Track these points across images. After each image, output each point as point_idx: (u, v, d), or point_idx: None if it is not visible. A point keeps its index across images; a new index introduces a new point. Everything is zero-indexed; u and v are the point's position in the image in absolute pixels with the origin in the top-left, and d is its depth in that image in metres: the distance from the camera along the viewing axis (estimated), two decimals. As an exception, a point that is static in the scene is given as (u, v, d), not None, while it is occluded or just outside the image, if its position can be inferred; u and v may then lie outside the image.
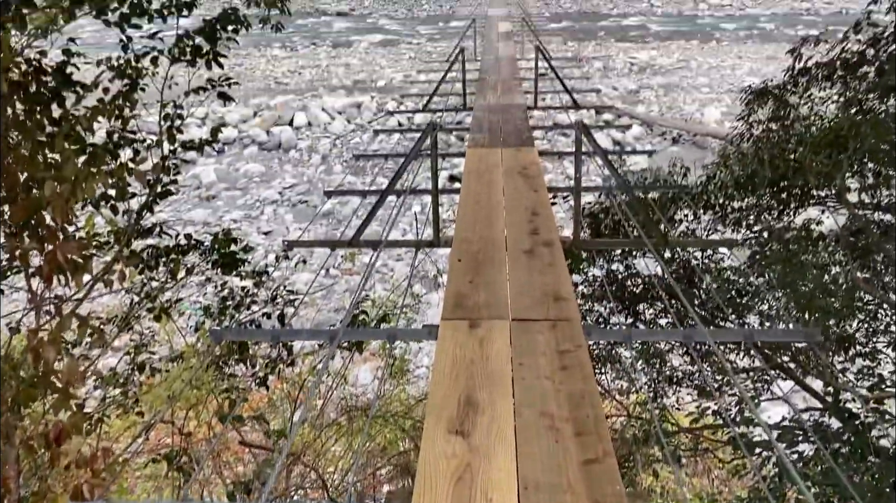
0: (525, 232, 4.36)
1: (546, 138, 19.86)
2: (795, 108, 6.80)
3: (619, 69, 37.47)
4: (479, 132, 7.45)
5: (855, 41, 6.58)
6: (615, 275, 8.01)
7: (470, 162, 6.22)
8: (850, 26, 6.64)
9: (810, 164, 5.93)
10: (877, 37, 6.30)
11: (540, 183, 5.40)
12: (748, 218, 7.28)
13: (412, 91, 29.03)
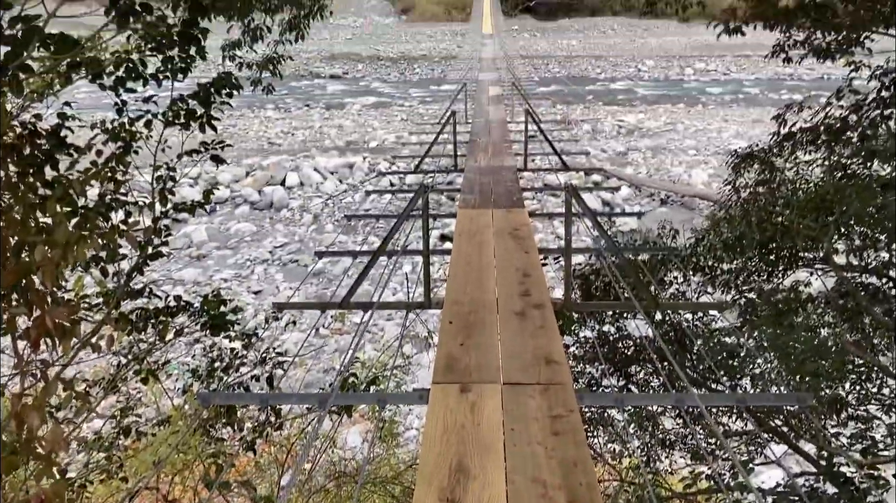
0: (516, 293, 4.36)
1: (536, 198, 20.06)
2: (781, 172, 6.93)
3: (608, 131, 38.10)
4: (470, 193, 7.51)
5: (837, 107, 6.76)
6: (607, 336, 8.01)
7: (461, 223, 6.26)
8: (833, 93, 6.83)
9: (797, 227, 6.01)
10: (859, 103, 6.48)
11: (531, 244, 5.43)
12: (737, 280, 7.34)
13: (404, 152, 29.38)
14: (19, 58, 2.78)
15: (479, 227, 5.92)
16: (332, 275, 21.44)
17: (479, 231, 5.83)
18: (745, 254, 6.84)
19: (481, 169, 9.01)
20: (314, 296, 20.19)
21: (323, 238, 24.98)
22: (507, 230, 5.79)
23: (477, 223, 6.13)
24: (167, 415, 6.47)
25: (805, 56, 7.40)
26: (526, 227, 5.91)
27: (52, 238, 2.59)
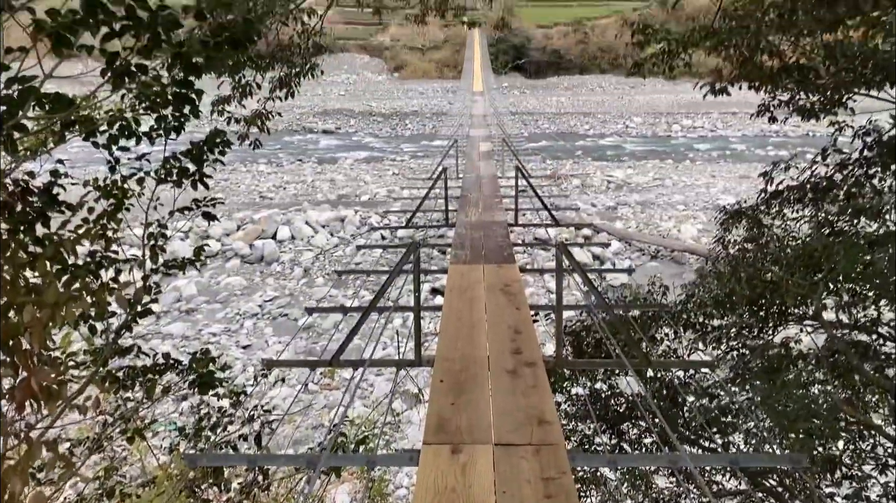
0: (507, 351, 4.34)
1: (527, 252, 20.11)
2: (769, 229, 7.00)
3: (597, 186, 38.46)
4: (462, 249, 7.54)
5: (823, 166, 6.87)
6: (599, 393, 7.96)
7: (452, 278, 6.27)
8: (819, 152, 6.95)
9: (787, 284, 6.04)
10: (843, 162, 6.59)
11: (522, 300, 5.43)
12: (728, 336, 7.34)
13: (395, 207, 29.55)
14: (15, 117, 2.80)
15: (471, 283, 5.93)
16: (321, 329, 21.29)
17: (471, 286, 5.83)
18: (735, 310, 6.86)
19: (472, 224, 9.07)
20: (304, 351, 20.02)
21: (313, 292, 24.89)
22: (498, 286, 5.80)
23: (468, 279, 6.14)
24: (152, 475, 6.34)
25: (790, 116, 7.56)
26: (517, 282, 5.93)
27: (41, 298, 2.57)
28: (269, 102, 7.74)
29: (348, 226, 30.89)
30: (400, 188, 34.64)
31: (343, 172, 43.26)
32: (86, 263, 3.56)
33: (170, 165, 4.12)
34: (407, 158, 47.66)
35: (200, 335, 22.05)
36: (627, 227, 30.52)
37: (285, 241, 29.60)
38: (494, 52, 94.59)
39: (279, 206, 34.66)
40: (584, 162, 45.70)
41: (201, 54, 3.31)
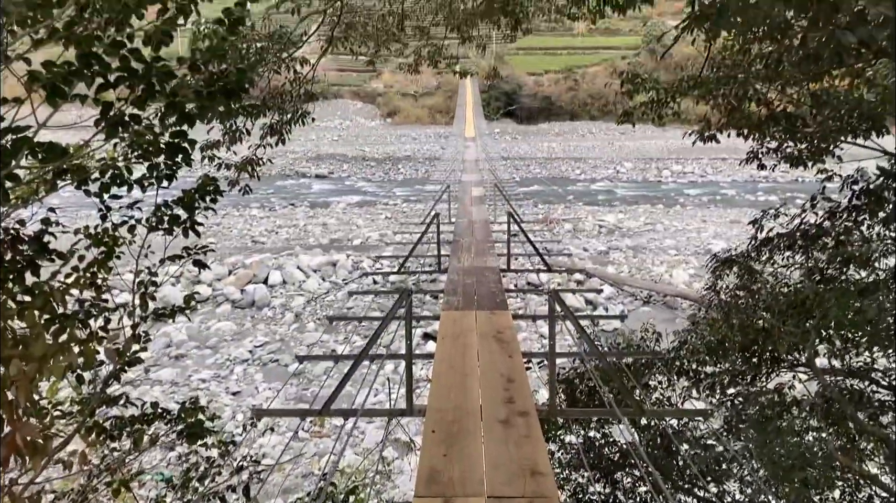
0: (500, 400, 4.30)
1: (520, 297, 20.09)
2: (761, 275, 7.01)
3: (589, 230, 38.62)
4: (454, 295, 7.53)
5: (812, 213, 6.92)
6: (592, 442, 7.86)
7: (444, 325, 6.24)
8: (808, 200, 6.99)
9: (778, 331, 6.03)
10: (832, 210, 6.63)
11: (514, 348, 5.40)
12: (722, 383, 7.29)
13: (387, 251, 29.57)
14: (8, 167, 2.80)
15: (463, 330, 5.91)
16: (312, 376, 21.07)
17: (463, 334, 5.80)
18: (727, 357, 6.83)
19: (465, 269, 9.08)
20: (295, 397, 19.80)
21: (304, 337, 24.72)
22: (490, 333, 5.77)
23: (460, 325, 6.12)
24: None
25: (778, 163, 7.64)
26: (510, 329, 5.91)
27: (28, 352, 2.54)
28: (260, 149, 7.77)
29: (340, 270, 30.84)
30: (392, 233, 34.70)
31: (335, 216, 43.36)
32: (75, 312, 3.52)
33: (161, 213, 4.11)
34: (399, 202, 47.86)
35: (190, 381, 21.80)
36: (620, 271, 30.56)
37: (277, 286, 29.49)
38: (486, 98, 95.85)
39: (271, 250, 34.64)
40: (576, 206, 45.97)
41: (194, 103, 3.33)
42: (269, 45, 7.38)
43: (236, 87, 3.23)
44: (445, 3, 9.48)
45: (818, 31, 2.93)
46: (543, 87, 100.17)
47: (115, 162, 3.75)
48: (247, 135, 7.37)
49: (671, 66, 65.93)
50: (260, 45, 7.25)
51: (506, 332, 5.78)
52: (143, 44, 3.16)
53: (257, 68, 6.90)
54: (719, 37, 5.54)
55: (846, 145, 6.79)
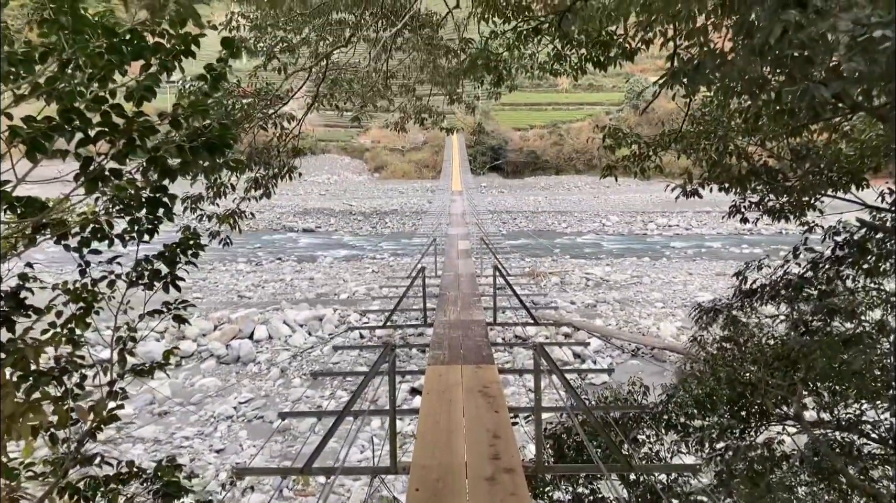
0: (486, 457, 4.21)
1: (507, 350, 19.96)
2: (747, 328, 7.01)
3: (576, 283, 38.66)
4: (440, 349, 7.46)
5: (795, 264, 6.95)
6: (581, 498, 7.71)
7: (430, 380, 6.16)
8: (790, 251, 7.04)
9: (765, 384, 5.98)
10: (815, 261, 6.67)
11: (501, 403, 5.32)
12: (710, 437, 7.20)
13: (374, 305, 29.43)
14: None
15: (449, 385, 5.83)
16: (297, 432, 20.72)
17: (449, 389, 5.73)
18: (715, 411, 6.77)
19: (451, 323, 9.02)
20: (279, 454, 19.45)
21: (290, 393, 24.38)
22: (476, 388, 5.70)
23: (446, 380, 6.04)
24: None
25: (760, 217, 7.71)
26: (496, 384, 5.83)
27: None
28: (244, 202, 7.78)
29: (326, 324, 30.63)
30: (379, 286, 34.60)
31: (322, 271, 43.27)
32: (50, 369, 3.44)
33: (142, 268, 4.07)
34: (387, 256, 47.89)
35: (173, 439, 21.39)
36: (607, 324, 30.52)
37: (262, 341, 29.22)
38: (473, 153, 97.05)
39: (257, 305, 34.42)
40: (563, 259, 46.13)
41: (177, 159, 3.32)
42: (255, 101, 7.46)
43: (219, 142, 3.23)
44: (430, 60, 9.63)
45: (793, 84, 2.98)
46: (529, 141, 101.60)
47: (96, 216, 3.72)
48: (231, 189, 7.37)
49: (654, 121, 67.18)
50: (246, 101, 7.32)
51: (492, 387, 5.70)
52: (125, 99, 3.16)
53: (243, 124, 6.95)
54: (698, 92, 5.63)
55: (827, 198, 6.87)
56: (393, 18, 8.61)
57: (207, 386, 25.53)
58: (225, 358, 27.84)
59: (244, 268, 44.25)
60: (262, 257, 48.07)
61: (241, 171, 6.09)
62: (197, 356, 28.13)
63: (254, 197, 7.82)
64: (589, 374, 22.59)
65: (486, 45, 6.28)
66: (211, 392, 25.07)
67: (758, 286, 7.17)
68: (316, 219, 68.37)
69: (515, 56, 6.86)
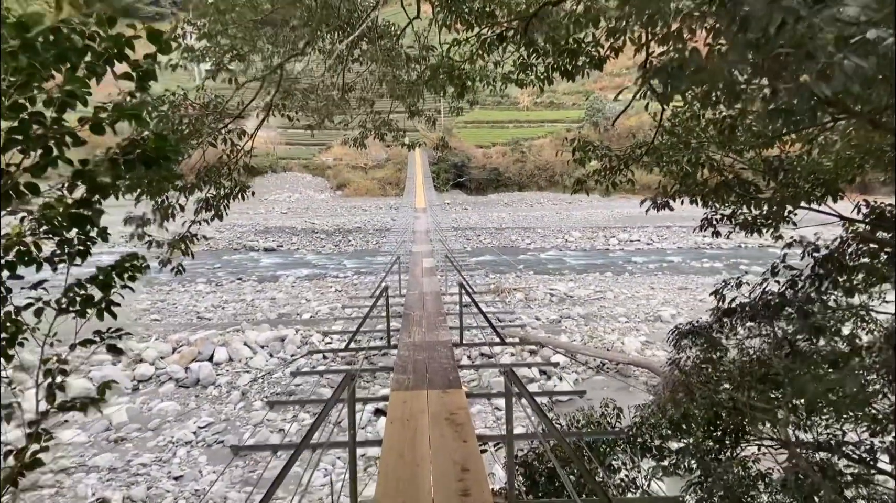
0: (454, 493, 3.90)
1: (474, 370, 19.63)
2: (726, 351, 6.79)
3: (540, 299, 38.60)
4: (404, 373, 7.13)
5: (774, 282, 6.76)
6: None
7: (394, 407, 5.82)
8: (769, 269, 6.85)
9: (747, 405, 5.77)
10: (794, 279, 6.48)
11: (469, 431, 5.01)
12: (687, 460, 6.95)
13: (337, 326, 28.94)
14: None
15: (414, 413, 5.50)
16: (259, 457, 20.14)
17: (414, 416, 5.40)
18: (691, 432, 6.53)
19: (415, 345, 8.69)
20: (240, 480, 18.88)
21: (251, 416, 23.76)
22: (443, 414, 5.38)
23: (411, 407, 5.71)
24: None
25: (733, 230, 7.51)
26: (463, 410, 5.52)
27: None
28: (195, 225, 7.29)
29: (288, 345, 30.07)
30: (342, 307, 34.11)
31: (284, 290, 42.63)
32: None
33: (73, 293, 3.68)
34: (350, 275, 47.38)
35: (130, 466, 20.66)
36: (572, 340, 30.41)
37: (222, 363, 28.55)
38: (436, 170, 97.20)
39: (217, 326, 33.69)
40: (527, 275, 46.10)
41: (108, 174, 2.97)
42: (204, 115, 7.03)
43: (156, 155, 2.89)
44: (389, 72, 9.29)
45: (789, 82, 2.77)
46: (491, 158, 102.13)
47: (23, 237, 3.34)
48: (180, 210, 6.89)
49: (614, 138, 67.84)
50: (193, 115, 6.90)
51: (459, 414, 5.39)
52: (44, 105, 2.81)
53: (190, 140, 6.55)
54: (671, 100, 5.44)
55: (801, 211, 6.70)
56: (349, 29, 8.24)
57: (166, 410, 24.82)
58: (184, 381, 27.14)
59: (204, 289, 43.41)
60: (222, 277, 47.25)
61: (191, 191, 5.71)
62: (155, 380, 27.38)
63: (204, 219, 7.33)
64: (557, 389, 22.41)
65: (448, 53, 6.01)
66: (169, 416, 24.35)
67: (737, 305, 6.97)
68: (277, 237, 67.59)
69: (478, 67, 6.62)
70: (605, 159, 7.05)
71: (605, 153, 7.07)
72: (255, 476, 18.68)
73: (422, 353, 8.04)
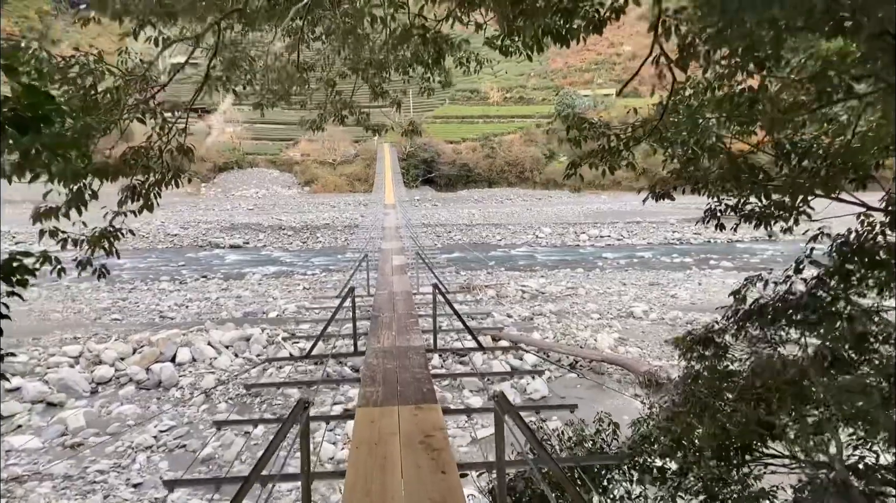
0: (433, 541, 3.22)
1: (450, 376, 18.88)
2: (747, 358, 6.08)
3: (512, 296, 38.16)
4: (372, 384, 6.39)
5: (800, 280, 6.07)
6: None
7: (360, 427, 5.09)
8: (793, 265, 6.16)
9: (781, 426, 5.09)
10: (820, 277, 5.77)
11: (447, 458, 4.31)
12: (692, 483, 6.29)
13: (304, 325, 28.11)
14: None
15: (383, 435, 4.77)
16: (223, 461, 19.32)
17: (383, 440, 4.67)
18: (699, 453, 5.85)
19: (385, 351, 7.92)
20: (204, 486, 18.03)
21: (216, 418, 22.89)
22: (417, 437, 4.66)
23: (379, 428, 4.98)
24: None
25: (739, 223, 6.77)
26: (440, 431, 4.79)
27: None
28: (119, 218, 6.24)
29: (254, 345, 29.18)
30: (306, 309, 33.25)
31: (250, 288, 41.67)
32: None
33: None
34: (318, 272, 46.53)
35: (86, 473, 19.73)
36: (545, 337, 29.93)
37: (185, 364, 27.62)
38: (406, 166, 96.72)
39: (180, 325, 32.68)
40: (498, 272, 45.63)
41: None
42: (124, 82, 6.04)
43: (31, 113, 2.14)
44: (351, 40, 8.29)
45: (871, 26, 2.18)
46: (461, 154, 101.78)
47: None
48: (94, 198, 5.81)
49: (585, 133, 67.55)
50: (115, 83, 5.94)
51: (436, 436, 4.69)
52: None
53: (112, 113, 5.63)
54: (688, 67, 4.76)
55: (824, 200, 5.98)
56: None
57: (125, 414, 23.90)
58: (145, 383, 26.20)
59: (167, 287, 42.32)
60: (186, 275, 46.15)
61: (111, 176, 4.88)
62: (115, 382, 26.40)
63: (131, 210, 6.30)
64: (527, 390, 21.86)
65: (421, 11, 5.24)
66: (129, 420, 23.42)
67: (758, 306, 6.24)
68: (244, 234, 66.44)
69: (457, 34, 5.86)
70: (602, 139, 6.30)
71: (602, 132, 6.32)
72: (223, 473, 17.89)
73: (392, 361, 7.32)
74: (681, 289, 39.06)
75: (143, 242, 61.44)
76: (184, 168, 6.30)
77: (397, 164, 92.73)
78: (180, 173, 6.23)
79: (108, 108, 5.53)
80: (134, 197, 6.02)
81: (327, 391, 20.63)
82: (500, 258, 52.09)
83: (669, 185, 6.29)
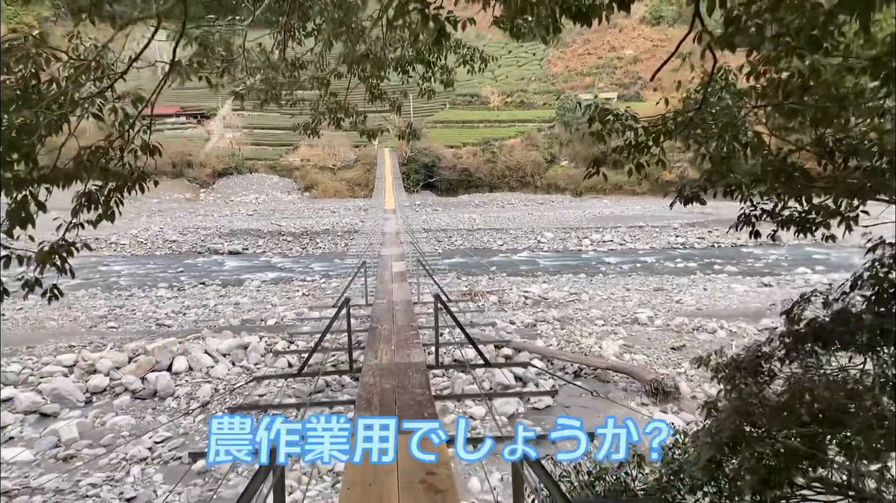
0: None
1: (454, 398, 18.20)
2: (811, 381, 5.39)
3: (514, 302, 37.57)
4: (368, 408, 5.80)
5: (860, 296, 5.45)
6: None
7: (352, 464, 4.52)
8: (851, 280, 5.54)
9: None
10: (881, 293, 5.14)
11: (452, 501, 3.73)
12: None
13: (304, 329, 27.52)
14: None
15: (378, 472, 4.17)
16: (219, 474, 18.77)
17: (378, 478, 4.06)
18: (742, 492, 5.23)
19: (382, 369, 7.30)
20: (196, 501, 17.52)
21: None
22: (418, 476, 4.07)
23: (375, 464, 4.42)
24: None
25: (778, 229, 6.15)
26: (445, 466, 4.19)
27: None
28: (73, 230, 5.38)
29: (252, 353, 28.60)
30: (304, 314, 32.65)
31: (249, 295, 41.10)
32: None
33: None
34: (318, 278, 45.99)
35: (78, 487, 19.17)
36: (549, 344, 29.31)
37: (182, 373, 27.04)
38: (406, 171, 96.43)
39: (177, 333, 32.13)
40: (500, 278, 45.05)
41: None
42: (76, 72, 5.28)
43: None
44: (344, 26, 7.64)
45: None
46: (462, 159, 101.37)
47: None
48: (42, 211, 4.90)
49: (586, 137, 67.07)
50: (66, 73, 5.22)
51: (439, 472, 4.11)
52: None
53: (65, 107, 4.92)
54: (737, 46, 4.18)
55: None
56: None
57: (120, 424, 23.31)
58: (140, 392, 25.63)
59: (165, 294, 41.78)
60: (184, 282, 45.62)
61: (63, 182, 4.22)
62: (109, 391, 25.84)
63: (89, 221, 5.47)
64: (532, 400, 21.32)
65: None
66: (124, 431, 22.84)
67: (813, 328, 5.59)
68: (243, 240, 65.98)
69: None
70: (628, 133, 5.67)
71: (629, 124, 5.69)
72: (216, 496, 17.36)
73: (390, 380, 6.73)
74: (686, 295, 38.44)
75: (142, 248, 61.02)
76: (149, 171, 5.55)
77: (398, 169, 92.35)
78: (145, 177, 5.49)
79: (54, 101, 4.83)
80: (90, 205, 5.25)
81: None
82: (502, 263, 51.53)
83: (700, 186, 5.68)
